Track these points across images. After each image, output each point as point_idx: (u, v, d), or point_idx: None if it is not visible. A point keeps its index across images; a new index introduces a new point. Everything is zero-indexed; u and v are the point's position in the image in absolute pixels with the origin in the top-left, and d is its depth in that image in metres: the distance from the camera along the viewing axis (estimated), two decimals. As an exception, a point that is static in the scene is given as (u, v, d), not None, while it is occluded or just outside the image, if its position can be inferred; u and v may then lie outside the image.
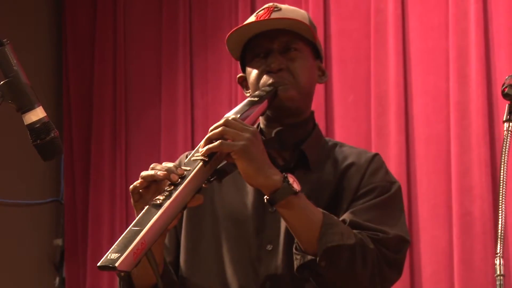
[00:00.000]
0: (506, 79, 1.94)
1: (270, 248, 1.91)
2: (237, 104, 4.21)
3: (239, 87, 4.19)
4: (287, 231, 1.89)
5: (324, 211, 1.83)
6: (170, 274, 1.96)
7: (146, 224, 1.58)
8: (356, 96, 3.67)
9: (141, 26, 4.83)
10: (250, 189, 1.96)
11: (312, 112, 2.06)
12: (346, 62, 3.76)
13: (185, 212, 1.94)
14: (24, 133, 1.63)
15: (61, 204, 5.04)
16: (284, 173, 1.78)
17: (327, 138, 2.09)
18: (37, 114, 1.62)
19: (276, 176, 1.77)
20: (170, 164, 1.72)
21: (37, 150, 1.63)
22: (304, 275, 1.83)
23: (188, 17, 4.58)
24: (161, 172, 1.70)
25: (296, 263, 1.82)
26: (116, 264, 1.50)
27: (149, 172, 1.73)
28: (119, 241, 1.56)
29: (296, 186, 1.78)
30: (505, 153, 1.86)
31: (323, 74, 2.09)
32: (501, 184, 1.85)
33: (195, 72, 4.53)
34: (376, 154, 2.03)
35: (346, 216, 1.88)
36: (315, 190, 1.90)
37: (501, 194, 1.84)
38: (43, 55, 5.09)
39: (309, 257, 1.80)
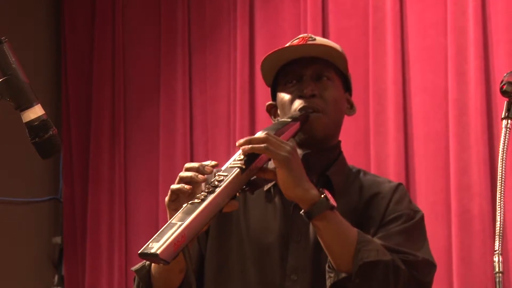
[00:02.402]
0: (505, 76, 1.94)
1: (295, 278, 1.93)
2: (235, 102, 4.25)
3: (238, 84, 4.20)
4: (313, 262, 1.91)
5: (358, 230, 1.85)
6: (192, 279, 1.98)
7: (187, 219, 1.63)
8: (355, 94, 3.66)
9: (139, 24, 4.83)
10: (276, 216, 1.99)
11: (339, 141, 2.09)
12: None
13: (211, 230, 2.00)
14: (23, 131, 1.63)
15: (59, 202, 5.04)
16: (320, 189, 1.81)
17: (350, 165, 2.10)
18: (36, 112, 1.62)
19: (314, 191, 1.80)
20: (207, 162, 1.76)
21: (36, 148, 1.63)
22: None
23: (187, 15, 4.57)
24: (201, 176, 1.73)
25: (329, 282, 1.84)
26: (158, 252, 1.55)
27: (187, 174, 1.75)
28: (160, 232, 1.61)
29: (333, 202, 1.81)
30: (503, 151, 1.86)
31: (351, 107, 2.13)
32: (500, 181, 1.85)
33: (194, 70, 4.53)
34: (400, 184, 2.06)
35: None
36: None
37: (499, 191, 1.84)
38: (42, 53, 5.09)
39: (343, 274, 1.81)
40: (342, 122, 2.08)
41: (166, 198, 1.77)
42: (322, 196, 1.79)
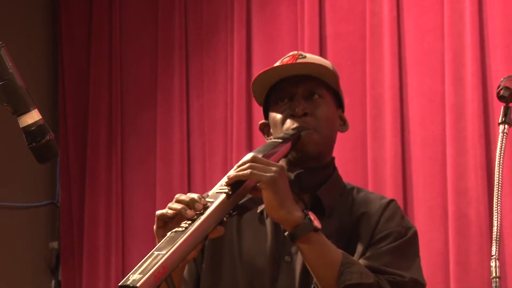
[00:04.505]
0: (502, 81, 1.94)
1: None
2: (232, 106, 4.24)
3: (235, 89, 4.20)
4: (302, 283, 1.91)
5: (343, 251, 1.85)
6: None
7: (168, 249, 1.63)
8: (352, 99, 3.67)
9: (136, 29, 4.83)
10: (267, 237, 1.99)
11: (333, 158, 2.08)
12: (342, 65, 3.76)
13: (206, 251, 2.01)
14: (20, 136, 1.63)
15: (57, 207, 5.03)
16: (305, 210, 1.82)
17: (346, 182, 2.10)
18: (33, 117, 1.61)
19: (298, 213, 1.80)
20: (194, 195, 1.75)
21: (33, 153, 1.62)
22: None
23: (184, 20, 4.58)
24: (190, 212, 1.72)
25: None
26: (138, 285, 1.55)
27: (176, 206, 1.75)
28: (141, 263, 1.61)
29: (317, 223, 1.81)
30: (500, 155, 1.86)
31: (344, 124, 2.12)
32: (497, 186, 1.85)
33: (191, 75, 4.53)
34: (392, 200, 2.04)
35: (361, 262, 1.90)
36: (329, 236, 1.89)
37: (496, 196, 1.84)
38: (39, 58, 5.09)
39: None
40: (335, 139, 2.08)
41: (154, 226, 1.79)
42: (306, 218, 1.80)
